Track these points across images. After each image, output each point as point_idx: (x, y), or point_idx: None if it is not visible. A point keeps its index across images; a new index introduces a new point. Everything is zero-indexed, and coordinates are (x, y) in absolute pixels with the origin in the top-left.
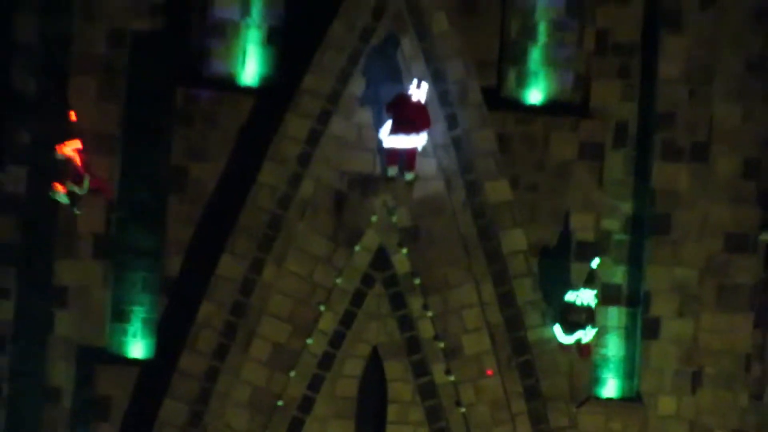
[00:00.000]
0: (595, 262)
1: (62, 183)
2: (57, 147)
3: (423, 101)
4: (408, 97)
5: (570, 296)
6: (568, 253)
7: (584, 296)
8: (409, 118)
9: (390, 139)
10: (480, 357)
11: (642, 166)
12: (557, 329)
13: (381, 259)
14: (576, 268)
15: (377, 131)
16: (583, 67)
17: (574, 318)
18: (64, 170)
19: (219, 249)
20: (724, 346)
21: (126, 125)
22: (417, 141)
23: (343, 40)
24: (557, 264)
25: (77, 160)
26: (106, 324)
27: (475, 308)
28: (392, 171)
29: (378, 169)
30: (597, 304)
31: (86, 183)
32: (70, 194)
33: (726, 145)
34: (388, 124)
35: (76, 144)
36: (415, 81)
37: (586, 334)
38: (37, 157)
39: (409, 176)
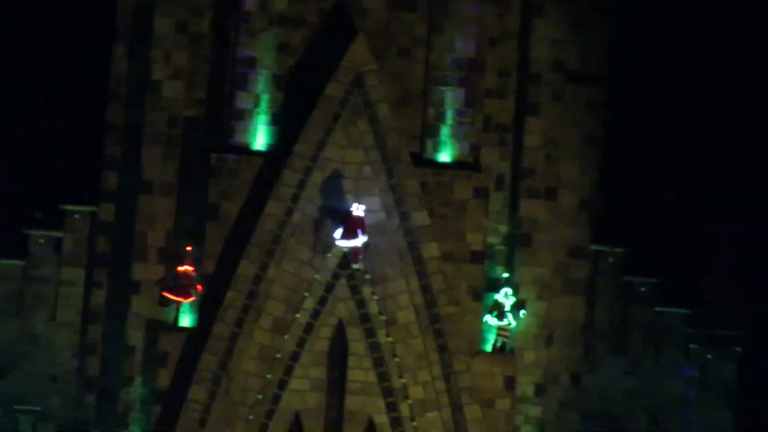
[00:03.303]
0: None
1: (172, 293)
2: (177, 268)
3: (362, 215)
4: (351, 213)
5: (498, 296)
6: (466, 259)
7: (508, 295)
8: (352, 228)
9: (341, 241)
10: (408, 326)
11: (513, 203)
12: (490, 318)
13: (344, 262)
14: (473, 269)
15: (342, 183)
16: (475, 139)
17: (501, 309)
18: (175, 283)
19: (239, 256)
20: (566, 317)
21: (179, 176)
22: (358, 242)
23: (321, 122)
24: (459, 267)
25: (190, 278)
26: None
27: (405, 294)
28: (356, 266)
29: (342, 205)
30: (513, 303)
31: (193, 293)
32: (171, 300)
33: (568, 190)
34: (340, 231)
35: (190, 268)
36: (355, 204)
37: (509, 319)
38: (121, 197)
39: (355, 266)
